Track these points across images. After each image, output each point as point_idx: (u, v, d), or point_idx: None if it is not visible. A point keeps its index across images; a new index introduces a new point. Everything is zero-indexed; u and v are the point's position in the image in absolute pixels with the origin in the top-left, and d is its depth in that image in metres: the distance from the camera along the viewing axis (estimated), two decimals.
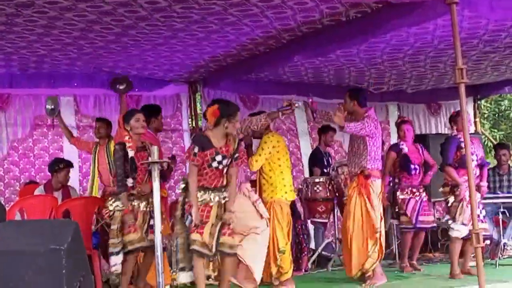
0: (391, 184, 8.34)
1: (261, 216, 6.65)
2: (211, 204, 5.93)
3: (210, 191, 5.95)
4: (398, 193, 8.20)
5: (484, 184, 7.69)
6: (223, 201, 5.99)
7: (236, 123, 6.06)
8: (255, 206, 6.66)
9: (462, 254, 7.66)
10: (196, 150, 5.88)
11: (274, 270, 6.85)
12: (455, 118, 7.77)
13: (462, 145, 7.14)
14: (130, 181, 6.32)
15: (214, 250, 5.90)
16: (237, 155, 6.04)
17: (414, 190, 8.21)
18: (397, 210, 8.25)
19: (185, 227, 5.91)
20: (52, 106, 8.04)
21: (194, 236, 5.86)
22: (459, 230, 7.37)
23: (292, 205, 7.60)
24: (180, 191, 6.10)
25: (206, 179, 5.95)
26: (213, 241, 5.89)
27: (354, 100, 7.22)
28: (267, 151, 6.85)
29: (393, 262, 8.60)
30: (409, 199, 8.15)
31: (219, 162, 5.92)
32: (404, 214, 8.15)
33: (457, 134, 7.55)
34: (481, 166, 7.69)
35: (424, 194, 8.30)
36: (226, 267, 6.10)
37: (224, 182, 6.04)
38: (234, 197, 6.10)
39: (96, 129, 8.01)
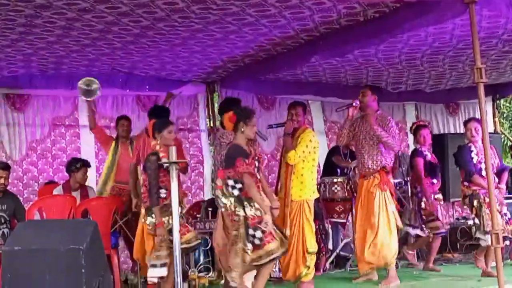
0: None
1: None
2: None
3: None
4: (424, 200, 8.13)
5: (503, 186, 7.61)
6: None
7: (253, 127, 6.09)
8: None
9: (486, 255, 7.62)
10: (246, 160, 5.90)
11: (304, 270, 6.82)
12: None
13: (473, 154, 7.20)
14: (163, 192, 6.26)
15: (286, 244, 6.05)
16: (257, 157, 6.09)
17: (436, 196, 8.21)
18: (423, 216, 8.20)
19: (247, 244, 5.87)
20: (89, 87, 7.66)
21: (272, 245, 5.87)
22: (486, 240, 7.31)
23: None
24: (224, 203, 6.06)
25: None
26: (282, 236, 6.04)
27: (375, 96, 7.25)
28: (309, 150, 6.85)
29: (411, 263, 8.56)
30: (436, 205, 8.14)
31: (257, 167, 6.00)
32: (436, 219, 8.12)
33: (469, 143, 7.50)
34: (500, 171, 7.59)
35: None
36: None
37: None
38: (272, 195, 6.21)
39: (121, 126, 8.08)
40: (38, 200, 7.78)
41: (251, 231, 5.85)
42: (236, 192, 5.96)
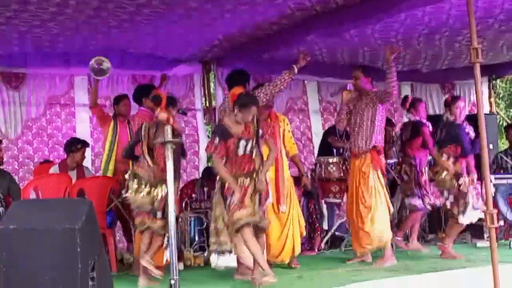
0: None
1: None
2: (246, 185, 5.96)
3: (242, 177, 5.99)
4: (426, 170, 8.06)
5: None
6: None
7: (247, 116, 6.00)
8: None
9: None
10: (217, 141, 5.94)
11: (299, 247, 6.89)
12: (450, 104, 7.66)
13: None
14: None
15: (259, 217, 5.95)
16: (261, 131, 6.05)
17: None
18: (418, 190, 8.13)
19: (225, 209, 5.96)
20: (101, 66, 7.44)
21: (239, 214, 5.86)
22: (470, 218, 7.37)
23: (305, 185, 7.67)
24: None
25: (236, 167, 5.99)
26: (256, 207, 5.94)
27: (369, 77, 7.26)
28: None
29: (407, 243, 8.58)
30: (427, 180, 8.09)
31: (245, 147, 5.96)
32: (427, 195, 8.07)
33: (456, 120, 7.48)
34: None
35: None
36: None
37: (256, 167, 6.04)
38: (268, 168, 6.17)
39: (124, 105, 7.99)
40: (33, 179, 7.78)
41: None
42: None
